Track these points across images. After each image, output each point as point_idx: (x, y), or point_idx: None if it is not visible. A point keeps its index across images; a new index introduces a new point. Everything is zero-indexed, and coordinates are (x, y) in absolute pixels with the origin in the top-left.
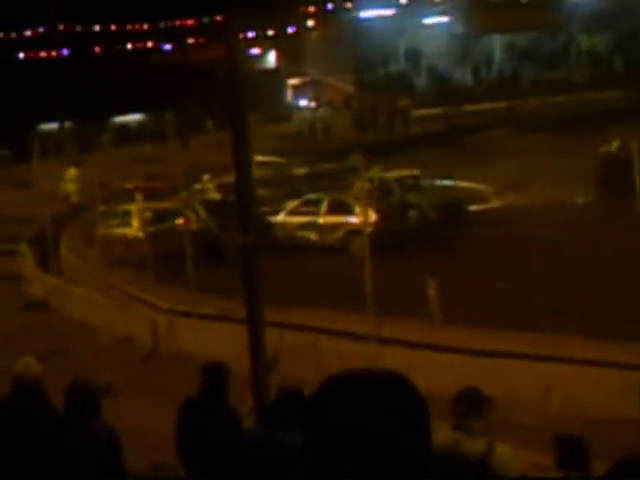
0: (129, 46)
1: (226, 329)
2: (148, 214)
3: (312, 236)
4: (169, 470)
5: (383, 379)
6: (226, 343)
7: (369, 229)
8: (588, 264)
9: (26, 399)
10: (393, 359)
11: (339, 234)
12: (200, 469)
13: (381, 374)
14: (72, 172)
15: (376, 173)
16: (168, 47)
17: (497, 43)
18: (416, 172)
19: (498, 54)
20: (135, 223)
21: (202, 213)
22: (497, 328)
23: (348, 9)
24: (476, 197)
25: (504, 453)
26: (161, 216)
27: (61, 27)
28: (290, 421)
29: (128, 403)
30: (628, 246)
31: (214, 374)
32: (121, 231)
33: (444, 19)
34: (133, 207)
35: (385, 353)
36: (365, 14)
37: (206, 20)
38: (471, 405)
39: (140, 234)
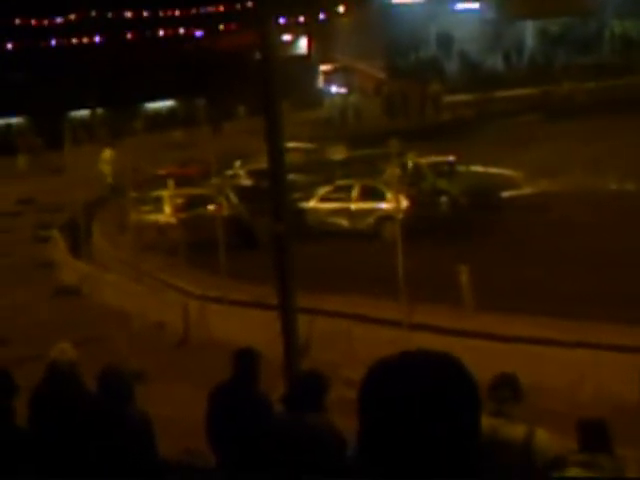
0: (161, 33)
1: (258, 315)
2: (180, 200)
3: (344, 222)
4: (201, 456)
5: (433, 361)
6: (258, 329)
7: (400, 215)
8: (620, 250)
9: (61, 384)
10: (425, 345)
11: (370, 220)
12: (230, 455)
13: (431, 356)
14: (107, 153)
15: (412, 158)
16: (200, 33)
17: (529, 28)
18: (451, 158)
19: (530, 39)
20: (167, 209)
21: (234, 199)
22: (529, 315)
23: None
24: (508, 183)
25: (544, 438)
26: (193, 202)
27: (93, 14)
28: (311, 403)
29: (160, 389)
30: None
31: (245, 360)
32: (153, 217)
33: (475, 4)
34: (165, 193)
35: (417, 339)
36: None
37: (237, 6)
38: (510, 391)
39: (172, 220)
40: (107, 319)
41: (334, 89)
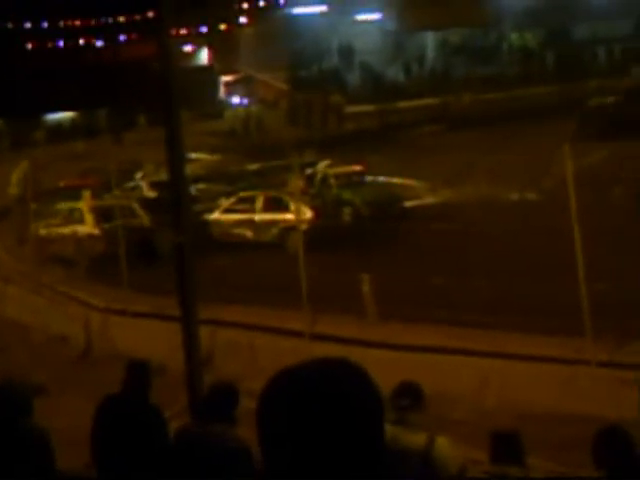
0: (61, 43)
1: (160, 327)
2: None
3: (248, 233)
4: None
5: (332, 367)
6: (160, 341)
7: (304, 226)
8: (522, 260)
9: None
10: (327, 355)
11: (274, 231)
12: (116, 469)
13: (330, 362)
14: (23, 165)
15: (322, 169)
16: (100, 44)
17: (429, 39)
18: (359, 168)
19: (430, 50)
20: (89, 220)
21: (140, 211)
22: (431, 324)
23: (280, 6)
24: (411, 193)
25: (445, 446)
26: (104, 214)
27: None
28: (222, 415)
29: (62, 402)
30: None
31: (136, 372)
32: (68, 229)
33: (376, 15)
34: (82, 204)
35: (319, 350)
36: (297, 10)
37: (138, 17)
38: (411, 399)
39: (95, 231)
40: (8, 332)
41: (236, 100)
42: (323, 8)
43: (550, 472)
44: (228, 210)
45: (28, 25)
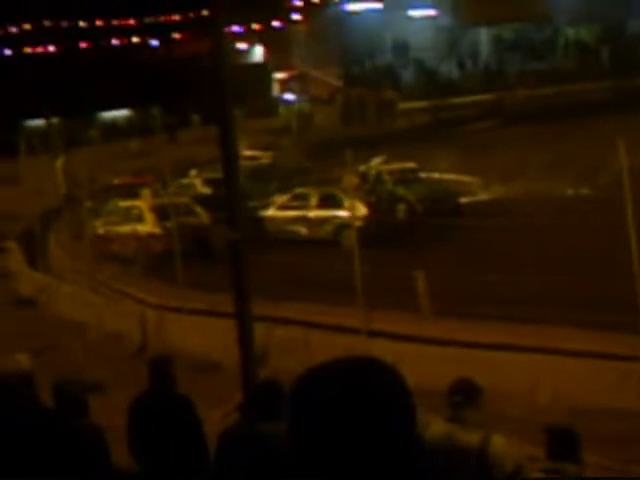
0: (115, 42)
1: (215, 324)
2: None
3: (302, 230)
4: None
5: (360, 365)
6: (215, 338)
7: (358, 222)
8: (577, 255)
9: (15, 396)
10: (382, 352)
11: (329, 228)
12: (152, 464)
13: (359, 360)
14: (59, 163)
15: (376, 165)
16: (154, 42)
17: (483, 35)
18: (413, 165)
19: (485, 46)
20: (149, 219)
21: (198, 209)
22: (486, 320)
23: (334, 2)
24: (465, 189)
25: (500, 444)
26: (162, 212)
27: (47, 23)
28: (268, 412)
29: (118, 399)
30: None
31: (156, 367)
32: (128, 228)
33: (431, 12)
34: (141, 203)
35: (375, 346)
36: (351, 7)
37: (192, 15)
38: (466, 396)
39: (157, 230)
40: (64, 330)
41: (290, 97)
42: (377, 4)
43: (606, 468)
44: (283, 207)
45: (82, 24)
